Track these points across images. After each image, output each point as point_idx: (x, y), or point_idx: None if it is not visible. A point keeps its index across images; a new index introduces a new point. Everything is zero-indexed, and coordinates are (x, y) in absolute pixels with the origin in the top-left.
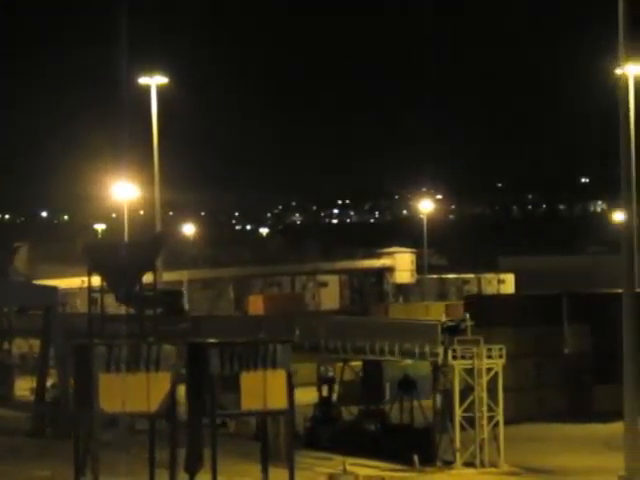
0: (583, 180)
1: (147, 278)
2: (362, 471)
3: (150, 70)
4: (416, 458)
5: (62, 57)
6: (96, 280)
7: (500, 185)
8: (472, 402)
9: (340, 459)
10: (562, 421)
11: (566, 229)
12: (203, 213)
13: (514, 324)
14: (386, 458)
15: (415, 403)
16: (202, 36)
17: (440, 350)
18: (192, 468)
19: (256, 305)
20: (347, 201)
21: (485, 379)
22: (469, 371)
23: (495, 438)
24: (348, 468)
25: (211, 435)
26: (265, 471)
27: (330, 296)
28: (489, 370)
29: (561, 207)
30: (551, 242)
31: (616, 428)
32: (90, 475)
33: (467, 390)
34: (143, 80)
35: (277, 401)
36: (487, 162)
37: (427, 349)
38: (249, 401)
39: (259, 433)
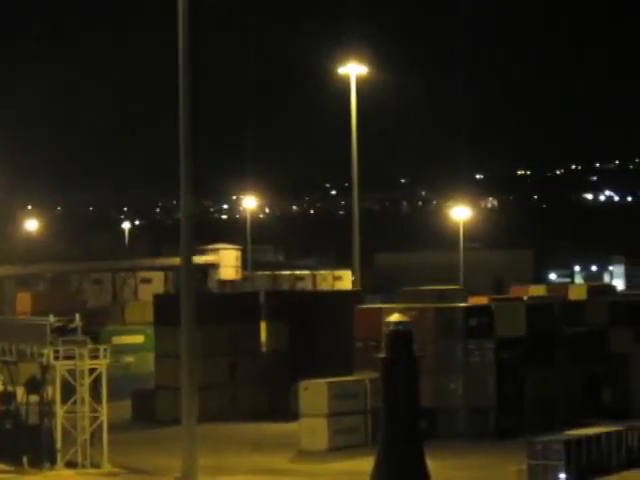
0: (478, 177)
1: None
2: None
3: None
4: (25, 459)
5: None
6: None
7: (403, 181)
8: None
9: None
10: (256, 421)
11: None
12: (91, 208)
13: (207, 322)
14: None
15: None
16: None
17: (46, 351)
18: None
19: (24, 303)
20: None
21: (87, 380)
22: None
23: (100, 439)
24: None
25: None
26: None
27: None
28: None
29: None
30: (434, 238)
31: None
32: None
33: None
34: None
35: None
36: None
37: (35, 350)
38: None
39: None
